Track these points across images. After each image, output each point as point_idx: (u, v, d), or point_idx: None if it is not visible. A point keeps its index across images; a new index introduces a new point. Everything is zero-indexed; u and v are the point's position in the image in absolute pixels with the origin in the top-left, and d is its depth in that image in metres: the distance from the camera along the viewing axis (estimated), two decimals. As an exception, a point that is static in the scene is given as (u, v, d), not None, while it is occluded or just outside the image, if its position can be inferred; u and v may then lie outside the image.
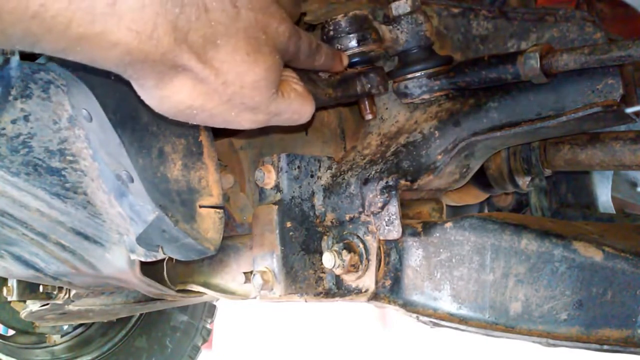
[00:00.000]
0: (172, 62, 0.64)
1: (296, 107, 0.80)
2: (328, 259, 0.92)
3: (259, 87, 0.72)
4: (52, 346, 2.30)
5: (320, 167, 1.00)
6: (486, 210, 1.45)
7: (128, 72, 0.64)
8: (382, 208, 0.92)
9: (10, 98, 0.88)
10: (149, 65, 0.63)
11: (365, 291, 0.93)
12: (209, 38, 0.66)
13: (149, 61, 0.63)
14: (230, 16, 0.67)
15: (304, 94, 0.82)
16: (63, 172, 0.95)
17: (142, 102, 0.70)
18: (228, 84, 0.69)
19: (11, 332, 2.28)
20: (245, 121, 0.76)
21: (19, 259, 1.14)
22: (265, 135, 1.18)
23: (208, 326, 2.54)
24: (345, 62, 0.95)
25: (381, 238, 0.93)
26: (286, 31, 0.75)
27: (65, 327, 2.31)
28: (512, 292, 0.84)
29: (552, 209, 1.31)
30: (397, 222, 0.91)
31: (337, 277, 0.96)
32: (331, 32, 0.98)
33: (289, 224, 0.95)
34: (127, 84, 0.68)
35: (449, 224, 0.90)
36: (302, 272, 0.94)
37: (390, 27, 0.98)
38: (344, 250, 0.92)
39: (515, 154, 1.15)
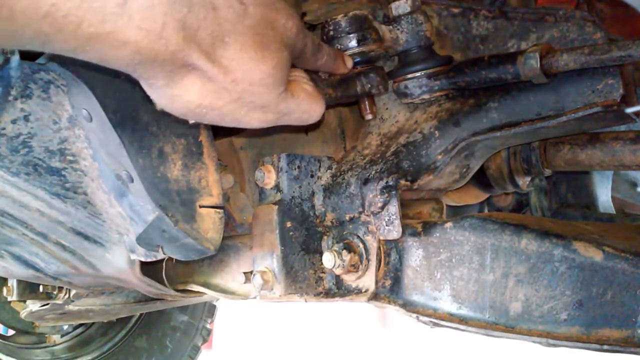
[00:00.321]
0: (181, 61, 0.64)
1: (306, 106, 0.80)
2: (328, 259, 0.92)
3: (266, 84, 0.71)
4: (52, 346, 2.30)
5: (320, 167, 1.00)
6: (486, 210, 1.45)
7: (138, 71, 0.64)
8: (382, 208, 0.92)
9: (10, 98, 0.88)
10: (159, 65, 0.63)
11: (365, 291, 0.93)
12: (218, 36, 0.66)
13: (159, 60, 0.63)
14: (237, 13, 0.67)
15: (314, 93, 0.81)
16: (63, 172, 0.95)
17: (143, 101, 0.70)
18: (237, 82, 0.69)
19: (11, 332, 2.28)
20: (254, 120, 0.76)
21: (19, 259, 1.14)
22: (266, 135, 1.18)
23: (208, 326, 2.54)
24: (349, 64, 0.95)
25: (381, 238, 0.93)
26: (294, 27, 0.75)
27: (65, 327, 2.31)
28: (512, 292, 0.84)
29: (552, 209, 1.31)
30: (397, 222, 0.91)
31: (337, 277, 0.96)
32: (331, 32, 0.98)
33: (289, 224, 0.95)
34: (128, 83, 0.68)
35: (449, 224, 0.90)
36: (302, 272, 0.94)
37: (390, 27, 0.98)
38: (344, 250, 0.92)
39: (515, 154, 1.15)
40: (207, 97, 0.69)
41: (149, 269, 1.13)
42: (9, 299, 1.64)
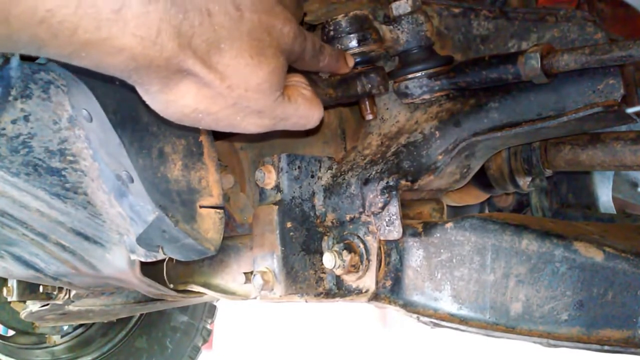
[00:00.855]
0: (176, 67, 0.64)
1: (303, 112, 0.80)
2: (328, 259, 0.91)
3: (262, 89, 0.72)
4: (52, 346, 2.30)
5: (320, 167, 1.00)
6: (487, 211, 1.45)
7: (133, 77, 0.64)
8: (383, 208, 0.92)
9: (10, 98, 0.88)
10: (154, 71, 0.63)
11: (366, 291, 0.93)
12: (213, 42, 0.66)
13: (154, 66, 0.63)
14: (233, 19, 0.67)
15: (312, 99, 0.81)
16: (63, 172, 0.95)
17: (144, 104, 0.70)
18: (233, 88, 0.69)
19: (11, 333, 2.29)
20: (251, 125, 0.76)
21: (19, 259, 1.14)
22: (265, 139, 1.18)
23: (208, 326, 2.54)
24: (351, 63, 0.95)
25: (382, 238, 0.93)
26: (291, 32, 0.75)
27: (65, 328, 2.31)
28: (512, 292, 0.84)
29: (553, 209, 1.31)
30: (398, 222, 0.91)
31: (338, 277, 0.95)
32: (332, 32, 0.98)
33: (289, 224, 0.94)
34: (129, 85, 0.68)
35: (449, 225, 0.90)
36: (302, 272, 0.94)
37: (391, 27, 0.98)
38: (345, 251, 0.92)
39: (516, 154, 1.15)
40: (202, 102, 0.69)
41: (149, 269, 1.13)
42: (9, 299, 1.64)
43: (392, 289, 0.93)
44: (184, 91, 0.67)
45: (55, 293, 1.54)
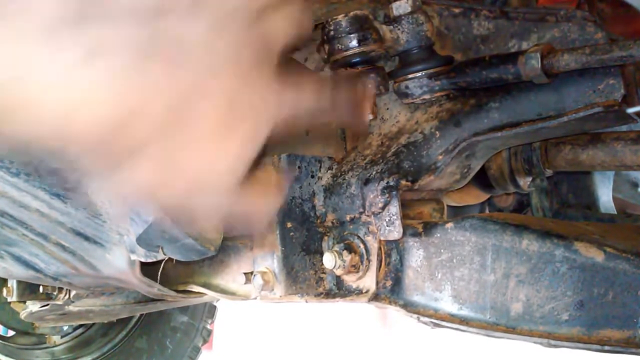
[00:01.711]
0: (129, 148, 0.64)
1: (257, 208, 0.80)
2: (329, 260, 0.91)
3: (220, 175, 0.71)
4: (52, 347, 2.29)
5: (320, 167, 1.00)
6: (487, 211, 1.45)
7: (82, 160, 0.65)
8: (383, 208, 0.92)
9: (10, 98, 0.87)
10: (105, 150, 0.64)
11: (366, 292, 0.93)
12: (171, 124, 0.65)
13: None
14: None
15: (269, 198, 0.81)
16: (63, 173, 0.94)
17: None
18: (188, 170, 0.69)
19: (11, 333, 2.28)
20: (204, 208, 0.76)
21: (19, 259, 1.14)
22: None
23: (208, 327, 2.53)
24: None
25: (382, 238, 0.93)
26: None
27: (65, 328, 2.30)
28: (513, 292, 0.84)
29: (553, 209, 1.31)
30: (398, 222, 0.91)
31: (338, 277, 0.95)
32: (332, 32, 0.97)
33: (289, 225, 0.94)
34: None
35: (449, 225, 0.90)
36: (302, 272, 0.94)
37: (391, 27, 0.98)
38: (345, 251, 0.92)
39: (517, 154, 1.15)
40: (156, 181, 0.70)
41: (149, 269, 1.12)
42: (9, 299, 1.64)
43: (392, 289, 0.93)
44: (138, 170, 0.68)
45: (55, 293, 1.53)
